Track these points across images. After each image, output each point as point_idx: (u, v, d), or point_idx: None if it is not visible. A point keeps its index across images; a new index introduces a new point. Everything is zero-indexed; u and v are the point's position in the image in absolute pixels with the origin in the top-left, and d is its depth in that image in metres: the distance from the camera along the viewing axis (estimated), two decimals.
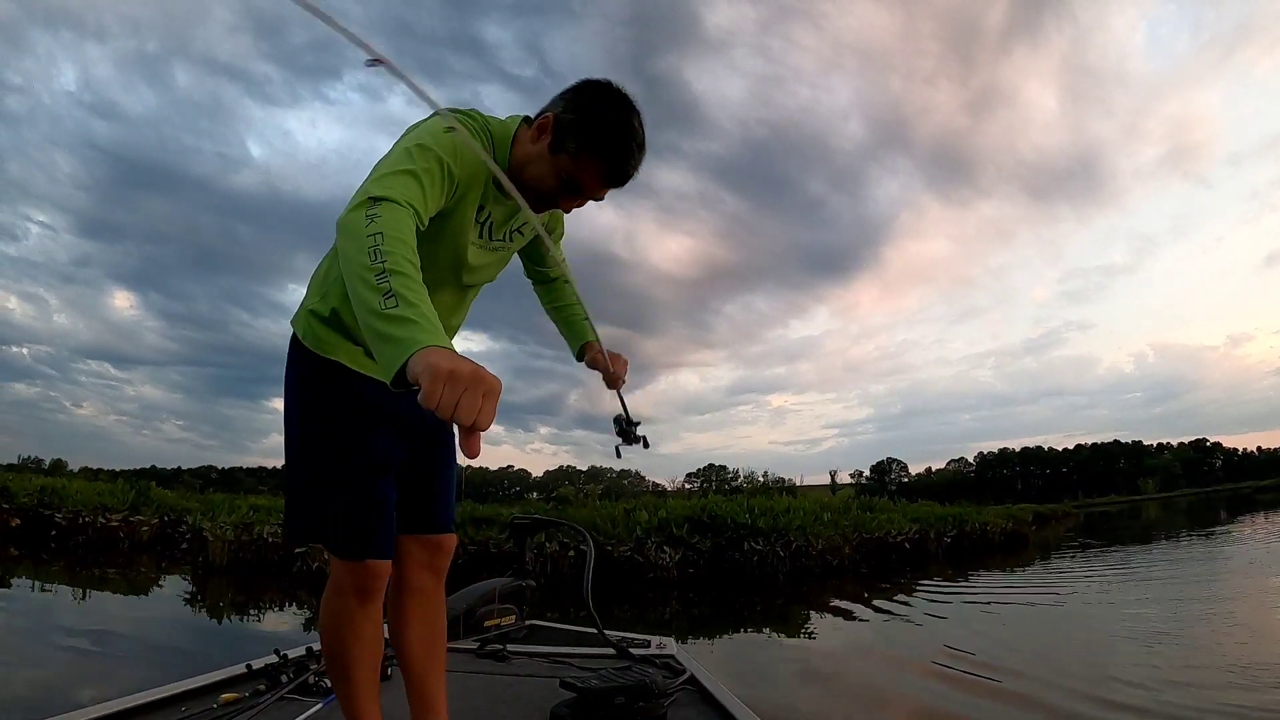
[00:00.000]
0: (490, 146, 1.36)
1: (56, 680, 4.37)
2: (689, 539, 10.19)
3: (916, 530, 13.49)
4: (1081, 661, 5.14)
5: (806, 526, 11.14)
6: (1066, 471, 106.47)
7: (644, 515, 10.43)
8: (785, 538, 10.62)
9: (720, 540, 10.35)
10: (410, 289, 0.97)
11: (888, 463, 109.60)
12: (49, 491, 14.07)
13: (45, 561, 11.16)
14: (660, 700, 1.76)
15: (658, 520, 10.37)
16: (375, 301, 0.95)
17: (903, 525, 13.42)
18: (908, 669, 5.17)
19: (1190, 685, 4.36)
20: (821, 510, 12.71)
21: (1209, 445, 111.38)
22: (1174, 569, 11.93)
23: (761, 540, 10.38)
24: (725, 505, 11.64)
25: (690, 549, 10.05)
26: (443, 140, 1.25)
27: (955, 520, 15.09)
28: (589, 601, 2.33)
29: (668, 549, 9.76)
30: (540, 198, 1.38)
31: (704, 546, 10.20)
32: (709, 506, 11.40)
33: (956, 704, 4.25)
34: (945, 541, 14.17)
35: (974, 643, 5.84)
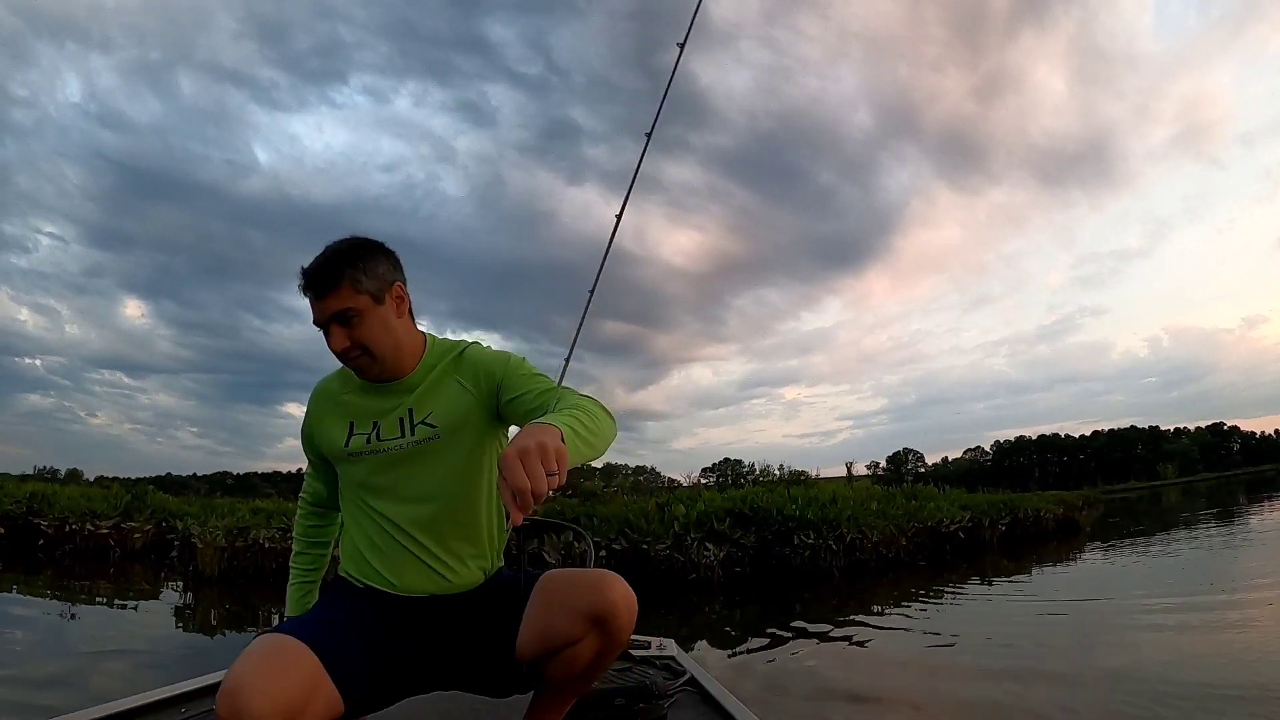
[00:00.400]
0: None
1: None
2: (731, 534, 9.20)
3: (970, 518, 12.51)
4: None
5: (858, 517, 10.13)
6: (1084, 458, 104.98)
7: (681, 509, 9.43)
8: (837, 530, 9.62)
9: (766, 534, 9.36)
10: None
11: (904, 453, 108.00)
12: (38, 498, 13.17)
13: (32, 573, 10.46)
14: (660, 701, 1.74)
15: (696, 514, 9.37)
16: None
17: (954, 513, 12.43)
18: (1006, 688, 4.22)
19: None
20: (868, 499, 11.71)
21: (1227, 429, 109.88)
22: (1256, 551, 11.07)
23: (812, 533, 9.37)
24: (767, 496, 10.65)
25: (735, 545, 9.06)
26: (308, 406, 1.64)
27: (1008, 507, 14.09)
28: None
29: (710, 546, 8.77)
30: (341, 360, 1.50)
31: (748, 542, 9.21)
32: (750, 497, 10.41)
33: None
34: (1000, 529, 13.20)
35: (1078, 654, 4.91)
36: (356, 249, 1.46)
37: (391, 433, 1.49)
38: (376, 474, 1.50)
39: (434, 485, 1.49)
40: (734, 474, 69.80)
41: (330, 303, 1.41)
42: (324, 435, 1.56)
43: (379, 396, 1.52)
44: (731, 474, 69.85)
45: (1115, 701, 3.73)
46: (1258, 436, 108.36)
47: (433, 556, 1.49)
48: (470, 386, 1.50)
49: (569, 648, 1.37)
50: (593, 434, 1.17)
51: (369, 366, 1.47)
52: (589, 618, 1.35)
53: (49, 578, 10.12)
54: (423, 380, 1.51)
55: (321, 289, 1.41)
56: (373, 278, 1.44)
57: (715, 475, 74.89)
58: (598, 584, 1.37)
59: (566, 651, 1.37)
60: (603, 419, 1.25)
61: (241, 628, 6.65)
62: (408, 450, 1.48)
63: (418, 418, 1.49)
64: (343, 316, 1.42)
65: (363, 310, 1.43)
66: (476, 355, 1.55)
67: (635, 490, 18.26)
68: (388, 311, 1.46)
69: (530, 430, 1.03)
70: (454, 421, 1.48)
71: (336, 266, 1.42)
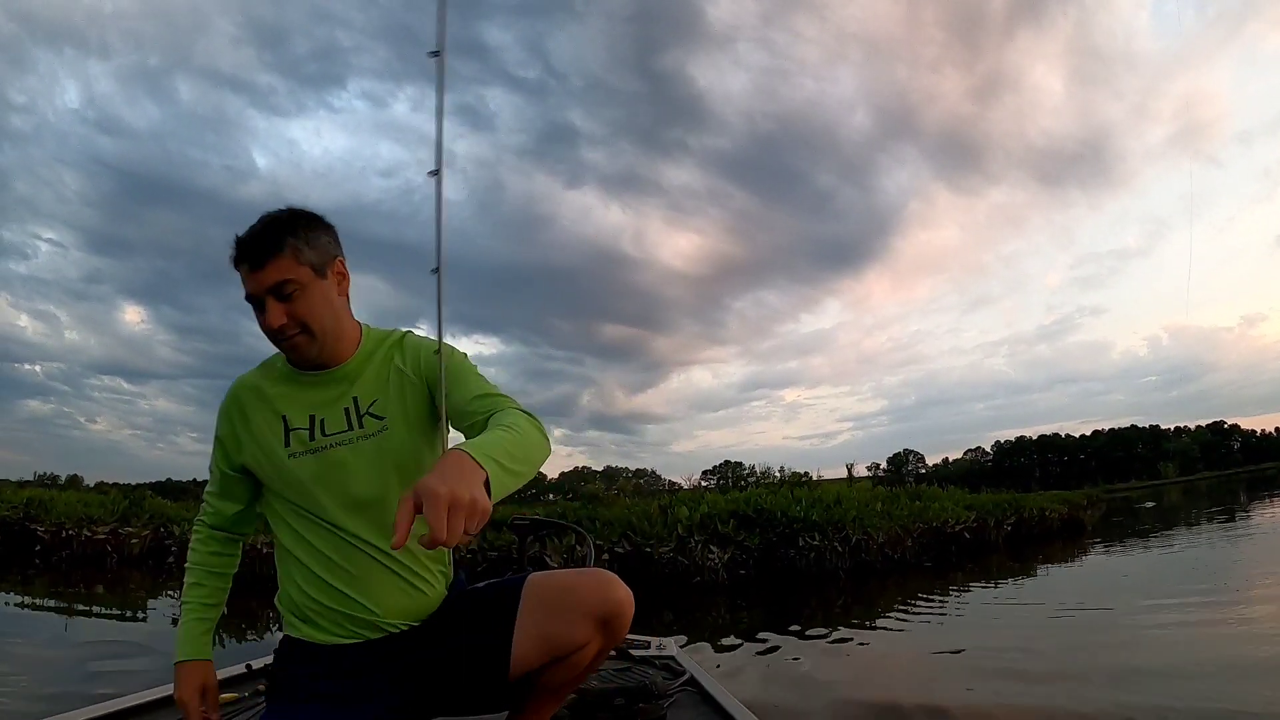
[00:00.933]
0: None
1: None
2: (735, 536, 9.10)
3: (975, 519, 12.41)
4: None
5: (863, 518, 10.03)
6: (1084, 458, 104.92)
7: (684, 511, 9.34)
8: (842, 531, 9.52)
9: (771, 536, 9.26)
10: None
11: (905, 454, 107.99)
12: (35, 503, 13.07)
13: (29, 579, 10.34)
14: (660, 701, 1.74)
15: (699, 516, 9.27)
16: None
17: (959, 514, 12.34)
18: (1026, 691, 4.11)
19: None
20: (873, 500, 11.61)
21: (1227, 427, 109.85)
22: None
23: (817, 535, 9.27)
24: (770, 498, 10.56)
25: (739, 548, 8.96)
26: (221, 409, 1.44)
27: (1013, 506, 13.99)
28: None
29: (714, 548, 8.67)
30: (280, 347, 1.37)
31: (753, 544, 9.11)
32: (753, 499, 10.31)
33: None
34: (1005, 529, 13.10)
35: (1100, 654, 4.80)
36: (298, 218, 1.34)
37: (337, 425, 1.35)
38: (323, 476, 1.33)
39: (389, 484, 1.34)
40: (734, 476, 70.01)
41: (268, 273, 1.28)
42: (255, 439, 1.37)
43: (315, 386, 1.38)
44: (732, 476, 70.08)
45: (1132, 710, 3.63)
46: (1258, 435, 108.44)
47: (403, 567, 1.35)
48: (413, 375, 1.39)
49: (576, 652, 1.32)
50: (522, 463, 1.09)
51: (306, 347, 1.32)
52: (597, 620, 1.30)
53: (45, 584, 10.03)
54: (364, 367, 1.39)
55: (259, 258, 1.28)
56: (315, 249, 1.32)
57: (716, 478, 75.20)
58: (602, 584, 1.32)
59: (572, 656, 1.32)
60: (535, 441, 1.17)
61: (241, 636, 6.55)
62: (357, 444, 1.34)
63: (364, 407, 1.36)
64: (280, 290, 1.29)
65: (304, 283, 1.30)
66: (416, 342, 1.44)
67: (636, 493, 18.11)
68: (329, 287, 1.34)
69: (460, 470, 0.93)
70: (402, 411, 1.37)
71: (276, 234, 1.29)
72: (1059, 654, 4.91)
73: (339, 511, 1.33)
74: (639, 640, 2.50)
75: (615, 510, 9.79)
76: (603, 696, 1.72)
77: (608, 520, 8.98)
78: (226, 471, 1.44)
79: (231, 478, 1.44)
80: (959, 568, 10.57)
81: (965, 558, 11.46)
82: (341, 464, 1.33)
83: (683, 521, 9.04)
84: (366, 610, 1.33)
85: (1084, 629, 5.85)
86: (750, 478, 59.47)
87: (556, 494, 58.83)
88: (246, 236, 1.30)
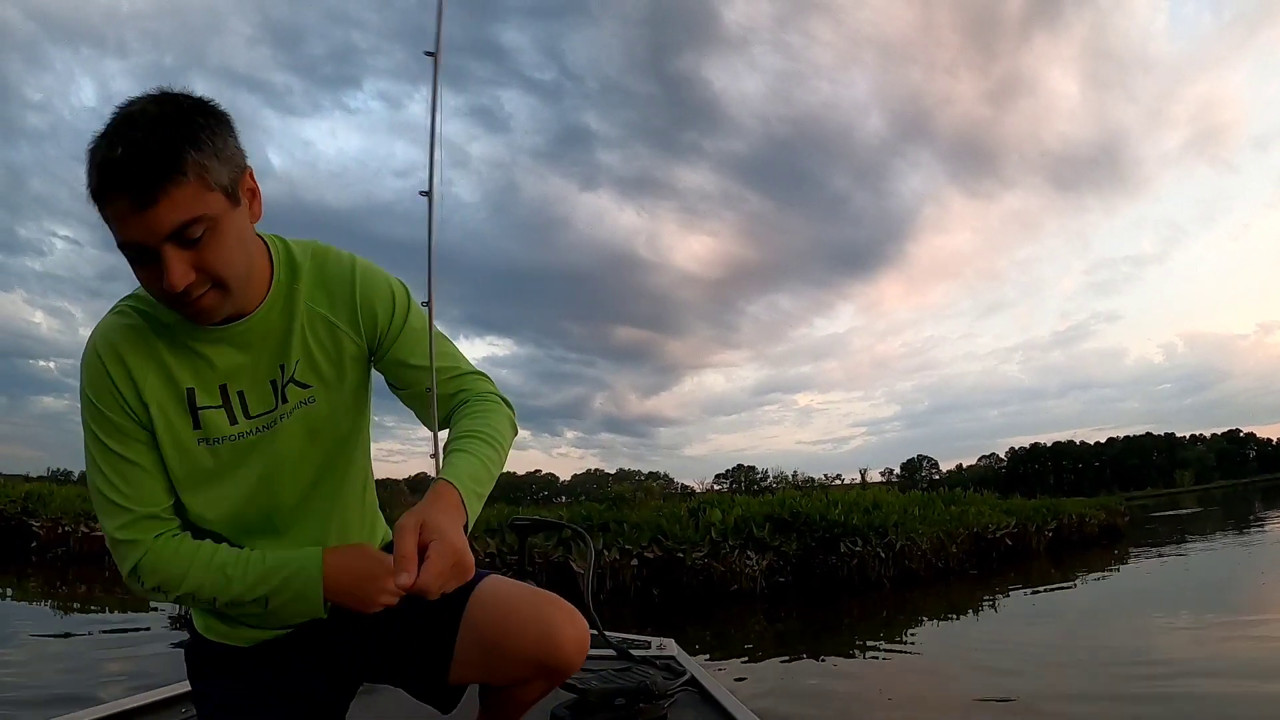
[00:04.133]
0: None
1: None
2: (771, 541, 8.50)
3: (1015, 524, 11.82)
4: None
5: (904, 523, 9.43)
6: (1099, 465, 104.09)
7: (717, 514, 8.76)
8: (885, 537, 8.91)
9: (809, 541, 8.65)
10: (243, 557, 1.01)
11: (918, 460, 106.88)
12: (34, 498, 12.63)
13: (24, 577, 9.93)
14: (660, 701, 1.72)
15: (733, 520, 8.68)
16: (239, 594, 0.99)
17: (999, 519, 11.74)
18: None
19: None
20: (909, 504, 11.01)
21: (1242, 436, 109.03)
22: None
23: (859, 540, 8.66)
24: (805, 501, 9.97)
25: (776, 554, 8.36)
26: (94, 372, 0.97)
27: (1052, 512, 13.40)
28: (589, 602, 2.00)
29: (751, 554, 8.07)
30: (176, 309, 0.92)
31: (790, 550, 8.51)
32: (788, 502, 9.72)
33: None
34: (1047, 535, 12.51)
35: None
36: (191, 114, 0.87)
37: (263, 404, 1.02)
38: (236, 465, 1.03)
39: (315, 466, 1.08)
40: (747, 480, 69.42)
41: (164, 211, 0.83)
42: (163, 416, 0.99)
43: (221, 346, 0.99)
44: (745, 481, 69.47)
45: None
46: (1274, 443, 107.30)
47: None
48: (347, 326, 1.06)
49: (515, 688, 1.17)
50: (493, 481, 1.00)
51: (217, 307, 0.93)
52: (537, 665, 1.10)
53: (40, 582, 9.62)
54: (283, 315, 1.02)
55: (148, 187, 0.82)
56: (225, 161, 0.88)
57: (729, 482, 74.59)
58: (546, 632, 1.09)
59: (509, 691, 1.18)
60: (507, 440, 1.06)
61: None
62: (280, 426, 1.04)
63: (287, 373, 1.03)
64: (183, 233, 0.85)
65: (216, 217, 0.87)
66: (344, 274, 1.07)
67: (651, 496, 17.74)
68: (243, 215, 0.93)
69: (454, 516, 0.87)
70: (329, 377, 1.06)
71: (172, 147, 0.83)
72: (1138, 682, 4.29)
73: (245, 502, 1.05)
74: (639, 640, 2.44)
75: (643, 513, 9.21)
76: (603, 696, 1.68)
77: (636, 524, 8.40)
78: (134, 452, 0.98)
79: (141, 450, 0.99)
80: (1002, 575, 10.13)
81: (1006, 564, 11.02)
82: (253, 450, 1.03)
83: (715, 525, 8.46)
84: (282, 625, 1.11)
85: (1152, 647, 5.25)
86: (764, 481, 58.90)
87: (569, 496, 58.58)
88: (123, 152, 0.82)
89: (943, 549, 9.60)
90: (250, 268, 0.96)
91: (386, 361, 1.10)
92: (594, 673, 1.85)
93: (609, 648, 2.23)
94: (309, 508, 1.10)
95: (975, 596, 8.42)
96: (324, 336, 1.05)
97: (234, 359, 1.00)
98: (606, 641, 2.25)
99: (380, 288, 1.08)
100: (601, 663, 2.06)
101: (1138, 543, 14.40)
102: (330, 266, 1.07)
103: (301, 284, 1.03)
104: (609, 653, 2.21)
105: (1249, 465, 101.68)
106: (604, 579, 7.69)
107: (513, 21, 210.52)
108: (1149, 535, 16.47)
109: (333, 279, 1.06)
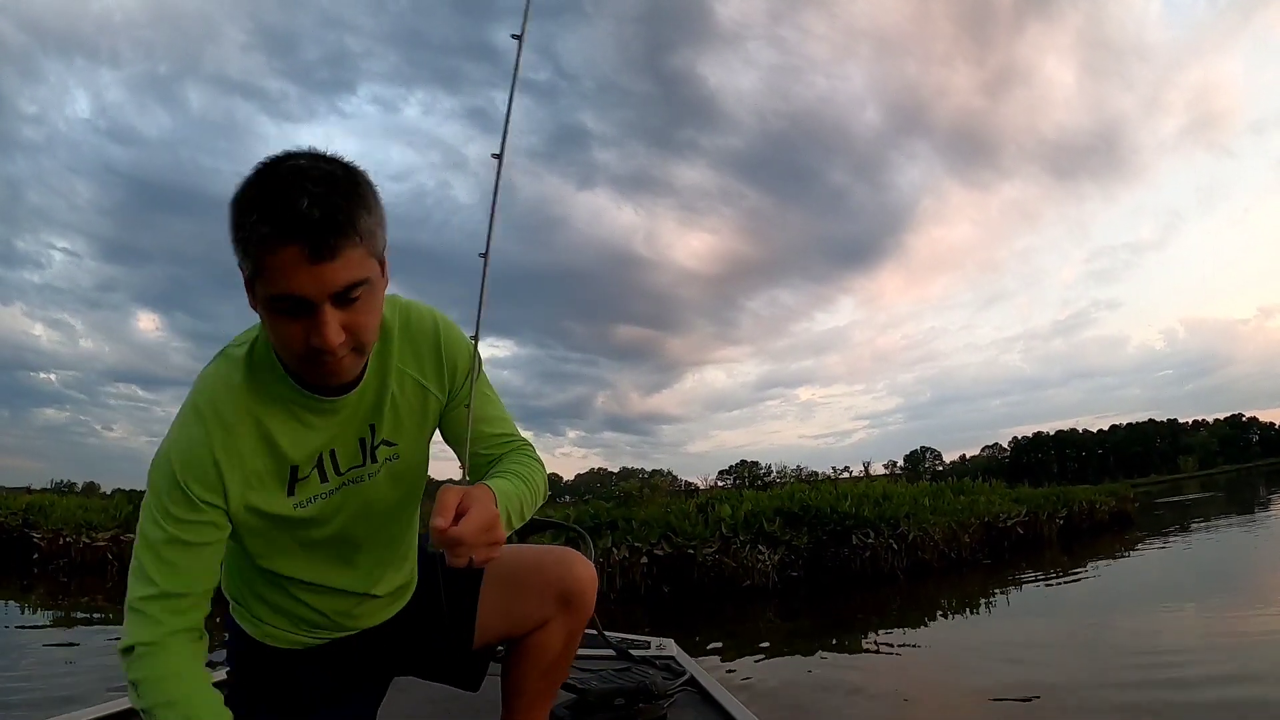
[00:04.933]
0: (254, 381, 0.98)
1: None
2: (782, 536, 8.38)
3: (1026, 512, 11.70)
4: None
5: (916, 514, 9.31)
6: (1102, 453, 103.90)
7: (726, 510, 8.63)
8: (897, 528, 8.78)
9: (820, 535, 8.53)
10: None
11: (921, 451, 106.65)
12: (35, 509, 12.51)
13: (27, 589, 9.80)
14: (660, 701, 1.73)
15: (743, 515, 8.55)
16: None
17: (1009, 508, 11.63)
18: None
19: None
20: (919, 495, 10.89)
21: (1245, 420, 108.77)
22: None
23: (871, 533, 8.54)
24: (814, 494, 9.85)
25: (789, 548, 8.23)
26: (190, 437, 0.96)
27: (1062, 500, 13.29)
28: None
29: (763, 548, 7.94)
30: (307, 366, 0.93)
31: (801, 544, 8.39)
32: (797, 495, 9.60)
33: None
34: (1057, 523, 12.40)
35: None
36: (361, 181, 0.90)
37: (352, 460, 1.05)
38: (324, 520, 1.06)
39: (397, 507, 1.13)
40: (751, 476, 69.37)
41: (339, 268, 0.85)
42: (247, 488, 0.98)
43: (326, 415, 1.01)
44: (748, 476, 69.42)
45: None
46: (1276, 428, 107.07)
47: (387, 587, 1.19)
48: (433, 384, 1.09)
49: (537, 631, 1.24)
50: (523, 520, 1.02)
51: (351, 368, 0.96)
52: (558, 596, 1.22)
53: (42, 594, 9.49)
54: (380, 380, 1.05)
55: (327, 241, 0.84)
56: (381, 231, 0.92)
57: (732, 477, 74.50)
58: (563, 561, 1.26)
59: (535, 638, 1.24)
60: (541, 495, 1.10)
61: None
62: (368, 483, 1.07)
63: (379, 435, 1.05)
64: (348, 294, 0.88)
65: (374, 283, 0.91)
66: (428, 331, 1.09)
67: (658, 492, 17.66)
68: (384, 285, 0.96)
69: (490, 503, 0.89)
70: (413, 434, 1.09)
71: (351, 209, 0.86)
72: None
73: (326, 570, 1.11)
74: (639, 640, 2.45)
75: (652, 510, 9.09)
76: (603, 696, 1.69)
77: (645, 520, 8.27)
78: (195, 532, 0.95)
79: (206, 535, 0.97)
80: (1014, 565, 10.03)
81: (1018, 554, 10.94)
82: (349, 509, 1.07)
83: (725, 520, 8.34)
84: (345, 630, 1.19)
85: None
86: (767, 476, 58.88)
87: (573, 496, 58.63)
88: (309, 202, 0.82)
89: (955, 539, 9.48)
90: (376, 335, 0.99)
91: (447, 411, 1.12)
92: (593, 673, 1.87)
93: (609, 648, 2.24)
94: (384, 540, 1.15)
95: (989, 588, 8.31)
96: (412, 396, 1.07)
97: (335, 426, 1.02)
98: (606, 641, 2.26)
99: (461, 345, 1.10)
100: (601, 663, 2.07)
101: (1153, 530, 14.29)
102: (414, 325, 1.09)
103: (394, 346, 1.05)
104: (608, 653, 2.21)
105: (1252, 450, 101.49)
106: (613, 578, 7.57)
107: (506, 22, 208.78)
108: (1158, 521, 16.38)
109: (418, 337, 1.08)
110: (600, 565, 7.45)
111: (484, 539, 0.84)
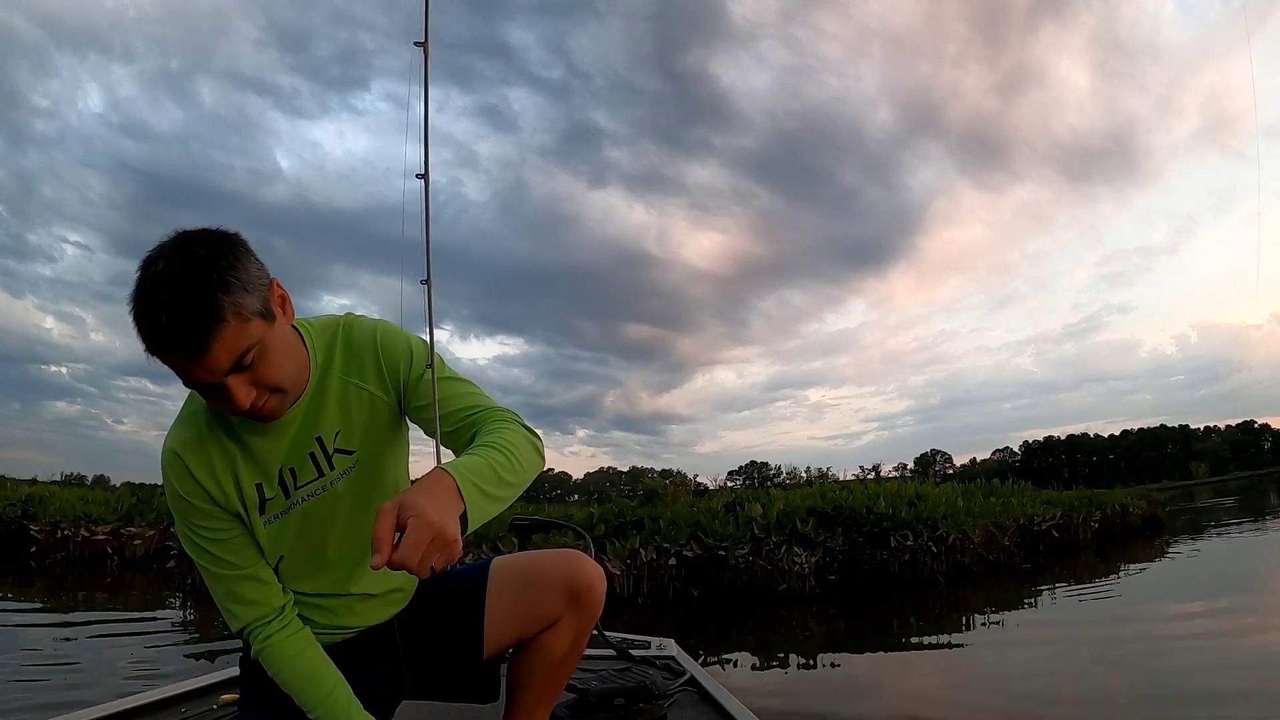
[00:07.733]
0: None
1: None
2: (816, 537, 7.94)
3: (1061, 515, 11.25)
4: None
5: (953, 515, 8.87)
6: (1114, 458, 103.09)
7: (757, 509, 8.19)
8: (936, 530, 8.34)
9: (856, 536, 8.09)
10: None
11: (932, 454, 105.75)
12: (34, 501, 12.15)
13: (25, 583, 9.46)
14: (660, 702, 1.74)
15: (775, 515, 8.11)
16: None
17: (1043, 510, 11.19)
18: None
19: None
20: (954, 496, 10.45)
21: (1257, 427, 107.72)
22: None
23: (910, 535, 8.10)
24: (847, 494, 9.42)
25: (825, 550, 7.79)
26: (177, 472, 1.10)
27: (1095, 503, 12.84)
28: None
29: (799, 550, 7.50)
30: (242, 418, 1.07)
31: (836, 545, 7.94)
32: (830, 495, 9.16)
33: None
34: (1092, 526, 11.96)
35: None
36: (216, 259, 0.93)
37: (308, 475, 1.13)
38: (297, 530, 1.15)
39: (368, 510, 1.16)
40: (761, 477, 68.93)
41: (218, 356, 0.92)
42: (231, 512, 1.12)
43: (273, 438, 1.10)
44: (758, 477, 68.97)
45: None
46: None
47: (381, 586, 1.24)
48: (376, 388, 1.14)
49: (546, 631, 1.25)
50: (508, 486, 0.99)
51: (279, 408, 1.04)
52: (567, 593, 1.23)
53: (40, 589, 9.14)
54: (322, 394, 1.12)
55: (196, 343, 0.90)
56: (253, 290, 0.96)
57: (742, 478, 74.18)
58: (570, 559, 1.27)
59: (544, 636, 1.25)
60: (527, 459, 1.05)
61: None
62: (330, 492, 1.14)
63: (330, 444, 1.13)
64: (240, 364, 0.95)
65: (262, 340, 0.96)
66: (367, 341, 1.14)
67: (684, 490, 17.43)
68: (281, 326, 1.02)
69: (446, 498, 0.87)
70: (369, 438, 1.15)
71: (206, 300, 0.90)
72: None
73: (310, 569, 1.18)
74: (639, 640, 2.44)
75: (679, 509, 8.66)
76: (603, 696, 1.68)
77: (672, 520, 7.83)
78: (225, 530, 1.13)
79: (243, 552, 1.15)
80: (1048, 569, 9.68)
81: (1054, 557, 10.59)
82: (307, 520, 1.15)
83: (757, 521, 7.89)
84: (342, 628, 1.24)
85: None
86: (777, 478, 58.45)
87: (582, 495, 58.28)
88: (166, 319, 0.89)
89: (994, 542, 9.03)
90: (299, 365, 1.06)
91: (410, 410, 1.16)
92: (593, 673, 1.86)
93: (609, 648, 2.24)
94: (359, 541, 1.18)
95: (1032, 591, 7.91)
96: (359, 404, 1.14)
97: (280, 441, 1.10)
98: (606, 641, 2.27)
99: (400, 345, 1.15)
100: (601, 663, 2.07)
101: (1185, 532, 13.86)
102: (355, 337, 1.15)
103: (335, 361, 1.13)
104: (608, 652, 2.22)
105: (1264, 456, 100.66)
106: (640, 580, 7.14)
107: (520, 20, 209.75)
108: (1189, 525, 15.96)
109: (359, 348, 1.15)
110: (627, 567, 7.03)
111: (432, 549, 0.82)
